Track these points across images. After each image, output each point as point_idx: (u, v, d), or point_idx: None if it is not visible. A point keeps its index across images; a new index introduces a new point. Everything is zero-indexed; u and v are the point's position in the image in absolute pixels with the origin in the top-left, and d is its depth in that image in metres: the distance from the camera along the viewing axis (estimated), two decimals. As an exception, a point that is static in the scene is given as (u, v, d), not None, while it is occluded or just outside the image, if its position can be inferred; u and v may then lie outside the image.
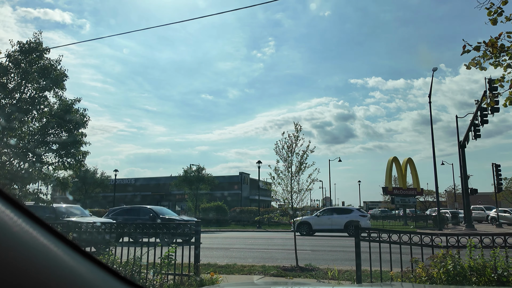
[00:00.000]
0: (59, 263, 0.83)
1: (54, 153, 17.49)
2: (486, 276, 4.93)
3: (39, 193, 17.49)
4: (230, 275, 8.81)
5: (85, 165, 21.19)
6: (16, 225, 0.79)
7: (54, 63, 17.51)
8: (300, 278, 8.58)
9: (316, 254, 13.30)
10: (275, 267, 9.61)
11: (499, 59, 5.66)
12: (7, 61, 16.61)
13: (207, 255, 12.20)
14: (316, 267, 9.49)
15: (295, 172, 10.17)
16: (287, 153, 10.24)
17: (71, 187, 19.29)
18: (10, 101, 16.67)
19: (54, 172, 17.71)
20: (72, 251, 0.90)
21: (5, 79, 16.49)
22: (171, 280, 7.07)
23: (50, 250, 0.83)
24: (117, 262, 6.89)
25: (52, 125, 17.15)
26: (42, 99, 17.18)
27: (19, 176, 16.41)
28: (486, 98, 7.10)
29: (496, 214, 33.94)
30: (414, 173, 39.25)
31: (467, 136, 28.78)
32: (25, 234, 0.79)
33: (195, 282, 6.95)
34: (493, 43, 5.53)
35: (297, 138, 10.24)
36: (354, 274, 7.72)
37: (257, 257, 12.77)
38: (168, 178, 55.80)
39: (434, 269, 5.21)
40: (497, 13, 5.55)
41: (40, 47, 17.07)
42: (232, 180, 58.29)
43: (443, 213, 33.17)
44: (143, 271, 7.02)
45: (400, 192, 36.54)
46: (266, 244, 17.78)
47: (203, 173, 43.71)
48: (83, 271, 0.88)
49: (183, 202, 49.34)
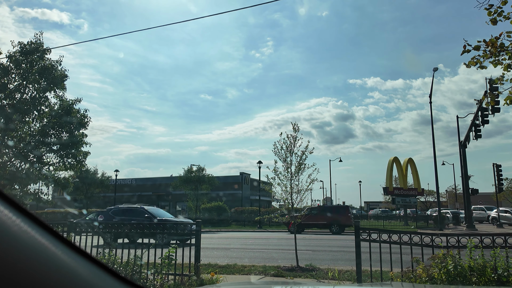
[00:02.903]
0: (58, 263, 0.83)
1: (54, 153, 17.51)
2: (486, 276, 4.92)
3: (39, 193, 17.51)
4: (230, 275, 8.81)
5: (86, 166, 21.22)
6: (15, 225, 0.79)
7: (55, 63, 17.53)
8: (301, 278, 8.57)
9: (317, 254, 13.29)
10: (276, 267, 9.60)
11: (498, 58, 5.66)
12: (8, 62, 16.62)
13: (207, 255, 12.20)
14: (317, 267, 9.48)
15: (295, 172, 10.17)
16: (286, 154, 10.23)
17: (71, 188, 19.31)
18: (11, 101, 16.67)
19: (54, 173, 17.73)
20: (71, 251, 0.90)
21: (5, 79, 16.50)
22: (172, 280, 7.07)
23: (49, 250, 0.83)
24: (117, 262, 6.89)
25: (53, 126, 17.16)
26: (42, 100, 17.21)
27: (20, 177, 16.42)
28: (486, 98, 7.08)
29: (497, 214, 33.90)
30: (414, 173, 39.22)
31: (468, 136, 28.75)
32: (23, 234, 0.79)
33: (195, 282, 6.96)
34: (493, 42, 5.53)
35: (295, 139, 10.23)
36: (354, 274, 7.71)
37: (258, 257, 12.77)
38: (169, 178, 55.80)
39: (435, 269, 5.20)
40: (497, 13, 5.56)
41: (41, 48, 17.09)
42: (233, 180, 58.26)
43: (443, 213, 33.12)
44: (144, 271, 7.03)
45: (400, 192, 36.51)
46: (266, 244, 17.77)
47: (203, 174, 43.72)
48: (82, 272, 0.89)
49: (184, 202, 49.34)
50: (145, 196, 57.98)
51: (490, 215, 37.51)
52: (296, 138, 10.22)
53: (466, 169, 29.86)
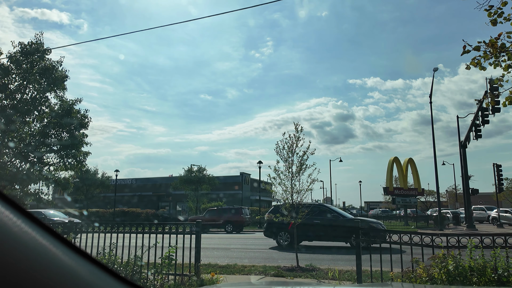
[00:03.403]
0: (58, 264, 0.84)
1: (55, 153, 17.51)
2: (487, 276, 4.92)
3: (40, 194, 17.51)
4: (230, 275, 8.81)
5: (86, 166, 21.23)
6: (15, 226, 0.79)
7: (56, 64, 17.53)
8: (301, 278, 8.57)
9: (317, 254, 13.30)
10: (276, 267, 9.60)
11: (499, 59, 5.67)
12: (9, 62, 16.63)
13: (207, 255, 12.20)
14: (317, 267, 9.48)
15: (296, 172, 10.18)
16: (288, 153, 10.24)
17: (71, 188, 19.31)
18: (12, 102, 16.68)
19: (55, 173, 17.73)
20: (72, 252, 0.90)
21: (6, 80, 16.50)
22: (172, 280, 7.07)
23: (49, 251, 0.83)
24: (117, 263, 6.90)
25: (53, 126, 17.17)
26: (43, 100, 17.21)
27: (20, 177, 16.42)
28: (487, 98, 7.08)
29: (497, 214, 33.89)
30: (415, 173, 39.20)
31: (468, 136, 28.73)
32: (24, 235, 0.80)
33: (195, 283, 6.96)
34: (493, 43, 5.54)
35: (297, 139, 10.25)
36: (354, 274, 7.71)
37: (258, 257, 12.77)
38: (169, 179, 55.83)
39: (435, 269, 5.20)
40: (497, 14, 5.56)
41: (41, 48, 17.09)
42: (233, 180, 58.27)
43: (444, 213, 33.10)
44: (144, 271, 7.03)
45: (401, 192, 36.49)
46: (267, 244, 17.75)
47: (204, 174, 43.73)
48: (82, 272, 0.89)
49: (184, 202, 49.35)
50: (145, 196, 58.01)
51: (491, 215, 37.49)
52: (298, 138, 10.24)
53: (466, 169, 29.85)
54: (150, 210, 41.62)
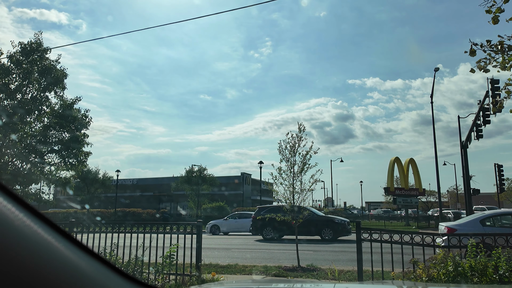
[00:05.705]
0: (64, 260, 0.84)
1: (56, 153, 17.54)
2: (488, 276, 4.92)
3: (41, 193, 17.53)
4: (231, 275, 8.82)
5: (87, 166, 21.24)
6: (21, 222, 0.80)
7: (54, 62, 17.56)
8: (302, 278, 8.58)
9: (318, 255, 13.31)
10: (277, 267, 9.61)
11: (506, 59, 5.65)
12: (9, 62, 16.66)
13: (208, 255, 12.20)
14: (318, 267, 9.48)
15: (298, 172, 10.18)
16: (290, 153, 10.24)
17: (73, 187, 19.34)
18: (12, 102, 16.71)
19: (56, 173, 17.75)
20: (77, 248, 0.91)
21: (7, 79, 16.53)
22: (173, 280, 7.08)
23: (55, 247, 0.84)
24: (118, 262, 6.91)
25: (54, 126, 17.20)
26: (43, 99, 17.24)
27: (21, 176, 16.45)
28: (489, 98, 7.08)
29: (498, 215, 33.84)
30: (416, 173, 39.17)
31: (469, 136, 28.67)
32: (29, 231, 0.80)
33: (196, 282, 6.96)
34: (501, 43, 5.54)
35: (300, 139, 10.25)
36: (355, 274, 7.72)
37: (259, 257, 12.78)
38: (170, 179, 55.82)
39: (434, 270, 5.20)
40: (499, 11, 5.55)
41: (41, 48, 17.12)
42: (234, 180, 58.25)
43: (445, 213, 33.09)
44: (145, 270, 7.04)
45: (402, 192, 36.47)
46: (267, 244, 17.77)
47: (204, 174, 43.74)
48: (88, 269, 0.89)
49: (185, 202, 49.36)
50: (146, 196, 58.03)
51: (492, 215, 37.42)
52: (301, 138, 10.25)
53: (467, 169, 29.80)
54: (151, 210, 41.64)
